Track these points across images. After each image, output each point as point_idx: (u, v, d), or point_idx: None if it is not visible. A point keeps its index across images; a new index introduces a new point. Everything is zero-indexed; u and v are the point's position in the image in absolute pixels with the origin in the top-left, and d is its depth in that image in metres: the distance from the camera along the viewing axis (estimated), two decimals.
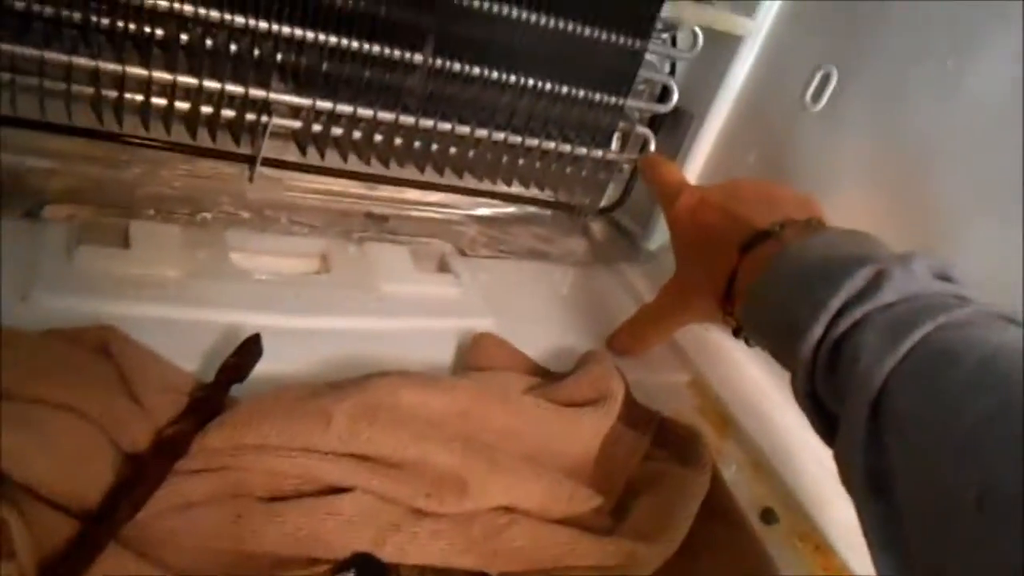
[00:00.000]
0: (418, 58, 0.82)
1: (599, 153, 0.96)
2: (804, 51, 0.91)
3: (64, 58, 0.72)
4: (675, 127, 1.04)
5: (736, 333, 0.71)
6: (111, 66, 0.73)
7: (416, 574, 0.55)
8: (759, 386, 0.90)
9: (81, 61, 0.73)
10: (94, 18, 0.72)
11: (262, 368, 0.67)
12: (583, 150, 0.95)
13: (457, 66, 0.84)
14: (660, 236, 1.10)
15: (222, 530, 0.53)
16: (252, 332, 0.68)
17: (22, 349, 0.57)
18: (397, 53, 0.81)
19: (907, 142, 0.80)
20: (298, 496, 0.55)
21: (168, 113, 0.78)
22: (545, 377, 0.77)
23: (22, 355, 0.56)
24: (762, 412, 0.86)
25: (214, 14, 0.75)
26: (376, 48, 0.80)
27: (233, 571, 0.52)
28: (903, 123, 0.80)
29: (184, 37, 0.75)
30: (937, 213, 0.78)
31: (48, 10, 0.70)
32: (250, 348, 0.64)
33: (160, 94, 0.77)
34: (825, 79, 0.88)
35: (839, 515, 0.74)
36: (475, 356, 0.76)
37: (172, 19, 0.74)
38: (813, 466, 0.79)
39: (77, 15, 0.71)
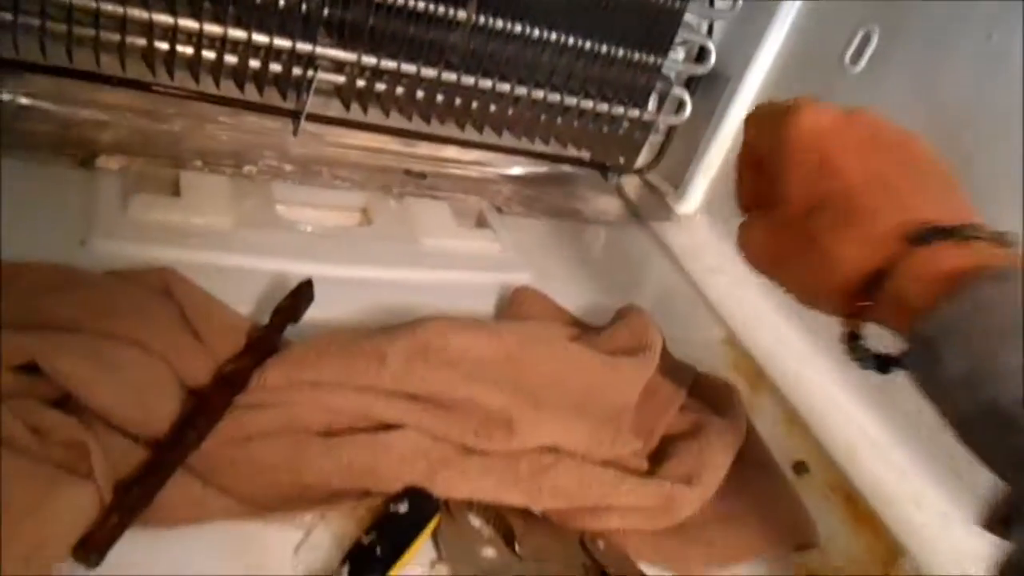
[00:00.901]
0: (461, 14, 0.83)
1: (635, 113, 0.97)
2: (844, 10, 0.91)
3: (119, 10, 0.73)
4: (712, 89, 1.04)
5: (852, 342, 0.49)
6: (164, 18, 0.75)
7: (464, 508, 0.58)
8: (790, 343, 0.91)
9: (135, 13, 0.74)
10: None
11: (310, 314, 0.69)
12: (620, 109, 0.96)
13: (500, 23, 0.85)
14: (693, 199, 1.11)
15: (280, 461, 0.55)
16: (297, 280, 0.70)
17: (90, 288, 0.60)
18: (441, 9, 0.82)
19: (945, 111, 0.80)
20: (352, 432, 0.57)
21: (218, 67, 0.80)
22: (581, 328, 0.79)
23: (91, 293, 0.59)
24: (793, 368, 0.88)
25: None
26: (421, 4, 0.81)
27: (290, 499, 0.55)
28: (942, 91, 0.80)
29: None
30: (971, 185, 0.78)
31: None
32: (303, 292, 0.66)
33: (210, 48, 0.79)
34: (865, 39, 0.88)
35: (868, 466, 0.75)
36: (515, 308, 0.78)
37: None
38: (842, 420, 0.81)
39: None
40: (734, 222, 1.00)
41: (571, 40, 0.89)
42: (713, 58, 0.99)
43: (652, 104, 1.00)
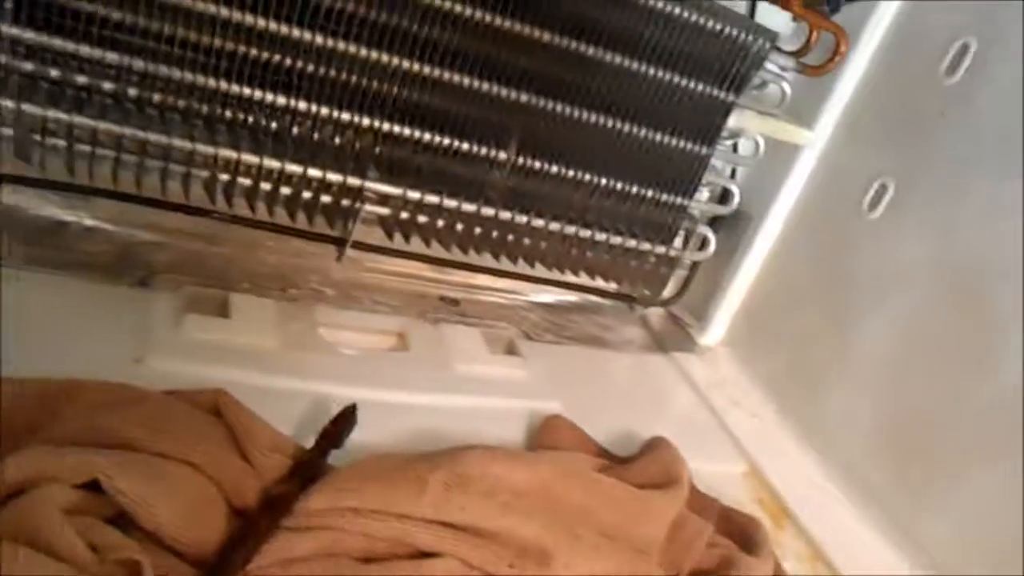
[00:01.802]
0: (503, 155, 0.89)
1: (662, 249, 1.02)
2: (862, 161, 0.97)
3: (189, 145, 0.79)
4: (735, 227, 1.09)
5: None
6: (228, 152, 0.81)
7: None
8: (814, 479, 0.93)
9: (201, 147, 0.80)
10: (218, 110, 0.80)
11: (350, 437, 0.71)
12: (647, 245, 1.01)
13: (537, 164, 0.91)
14: (716, 332, 1.14)
15: None
16: (338, 402, 0.73)
17: (146, 406, 0.62)
18: (484, 150, 0.88)
19: (962, 252, 0.84)
20: (391, 558, 0.59)
21: (273, 197, 0.85)
22: (610, 459, 0.81)
23: (147, 412, 0.61)
24: (818, 504, 0.89)
25: (324, 110, 0.82)
26: (465, 145, 0.87)
27: None
28: (958, 235, 0.85)
29: (295, 130, 0.83)
30: (991, 321, 0.81)
31: (181, 103, 0.78)
32: (347, 417, 0.69)
33: (267, 179, 0.85)
34: (882, 189, 0.93)
35: None
36: (547, 436, 0.80)
37: (287, 113, 0.82)
38: (869, 559, 0.81)
39: (205, 108, 0.79)
40: (755, 356, 1.04)
41: (604, 180, 0.94)
42: (736, 200, 1.05)
43: (678, 241, 1.05)
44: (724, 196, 1.07)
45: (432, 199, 0.89)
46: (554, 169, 0.92)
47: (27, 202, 0.87)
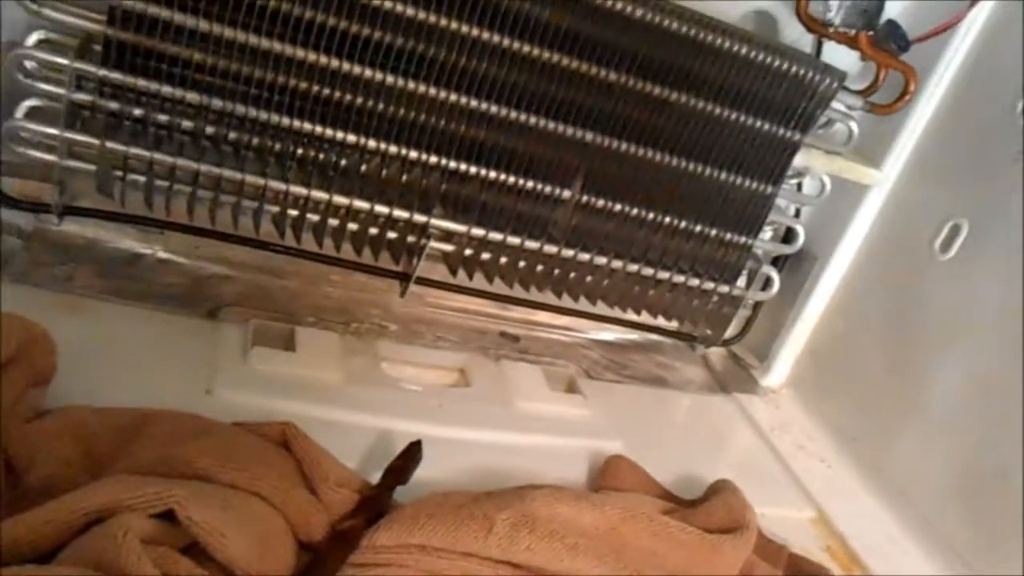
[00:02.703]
0: (567, 193, 0.89)
1: (725, 288, 1.01)
2: (932, 202, 0.95)
3: (261, 181, 0.81)
4: (798, 268, 1.08)
5: None
6: (299, 189, 0.83)
7: None
8: (885, 528, 0.90)
9: (273, 184, 0.82)
10: (290, 147, 0.82)
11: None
12: (710, 284, 1.00)
13: (601, 202, 0.91)
14: (779, 373, 1.12)
15: None
16: (402, 437, 0.73)
17: (218, 438, 0.63)
18: (548, 188, 0.89)
19: None
20: None
21: (340, 232, 0.87)
22: (674, 501, 0.79)
23: (219, 444, 0.62)
24: (889, 554, 0.86)
25: (391, 148, 0.84)
26: (530, 183, 0.88)
27: None
28: None
29: (363, 167, 0.84)
30: None
31: (255, 140, 0.80)
32: (413, 453, 0.69)
33: (334, 215, 0.86)
34: (955, 230, 0.91)
35: None
36: (610, 477, 0.79)
37: (356, 150, 0.83)
38: None
39: (278, 145, 0.81)
40: (820, 399, 1.02)
41: (667, 219, 0.94)
42: (801, 239, 1.03)
43: (741, 280, 1.03)
44: (788, 235, 1.05)
45: (496, 236, 0.90)
46: (618, 207, 0.92)
47: (105, 235, 0.90)
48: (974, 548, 0.84)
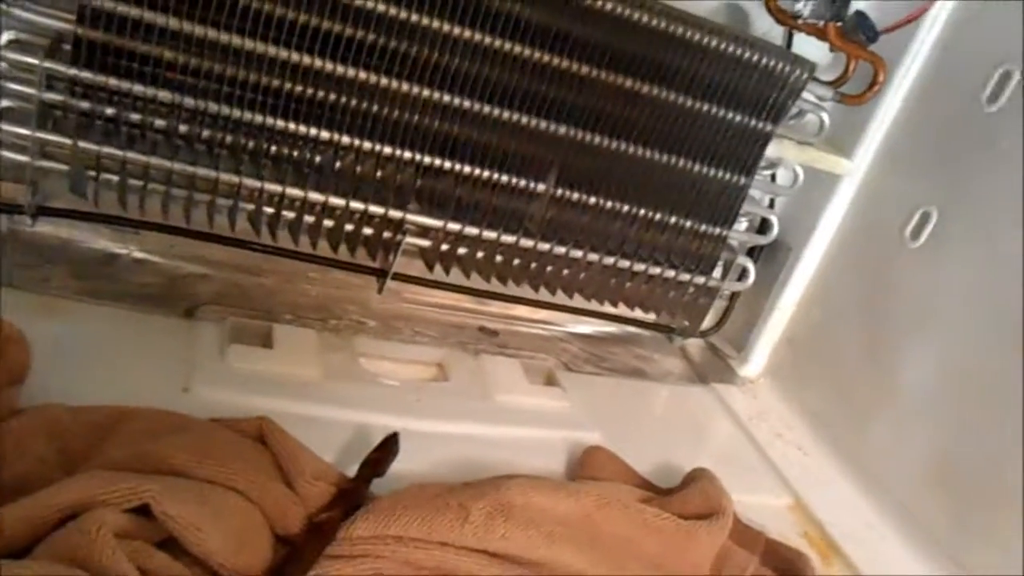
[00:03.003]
0: (541, 187, 0.90)
1: (701, 279, 1.01)
2: (902, 190, 0.96)
3: (235, 179, 0.81)
4: (773, 258, 1.09)
5: None
6: (273, 187, 0.83)
7: None
8: (862, 514, 0.91)
9: (248, 182, 0.82)
10: (264, 145, 0.82)
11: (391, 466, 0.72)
12: (686, 276, 1.00)
13: (576, 195, 0.91)
14: (756, 363, 1.13)
15: None
16: (379, 432, 0.73)
17: (194, 434, 0.63)
18: (523, 182, 0.89)
19: (1008, 281, 0.83)
20: None
21: (316, 229, 0.87)
22: (652, 490, 0.80)
23: (195, 439, 0.62)
24: (867, 539, 0.87)
25: (366, 144, 0.84)
26: (504, 177, 0.88)
27: None
28: (1004, 263, 0.83)
29: (338, 164, 0.85)
30: None
31: (228, 139, 0.80)
32: (390, 446, 0.69)
33: (310, 212, 0.86)
34: (924, 218, 0.92)
35: None
36: (588, 467, 0.80)
37: (330, 146, 0.83)
38: None
39: (252, 143, 0.81)
40: (797, 387, 1.03)
41: (642, 211, 0.94)
42: (776, 230, 1.04)
43: (717, 271, 1.04)
44: (763, 226, 1.06)
45: (472, 231, 0.90)
46: (592, 200, 0.92)
47: (80, 235, 0.89)
48: (951, 533, 0.85)
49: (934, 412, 0.90)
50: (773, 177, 1.05)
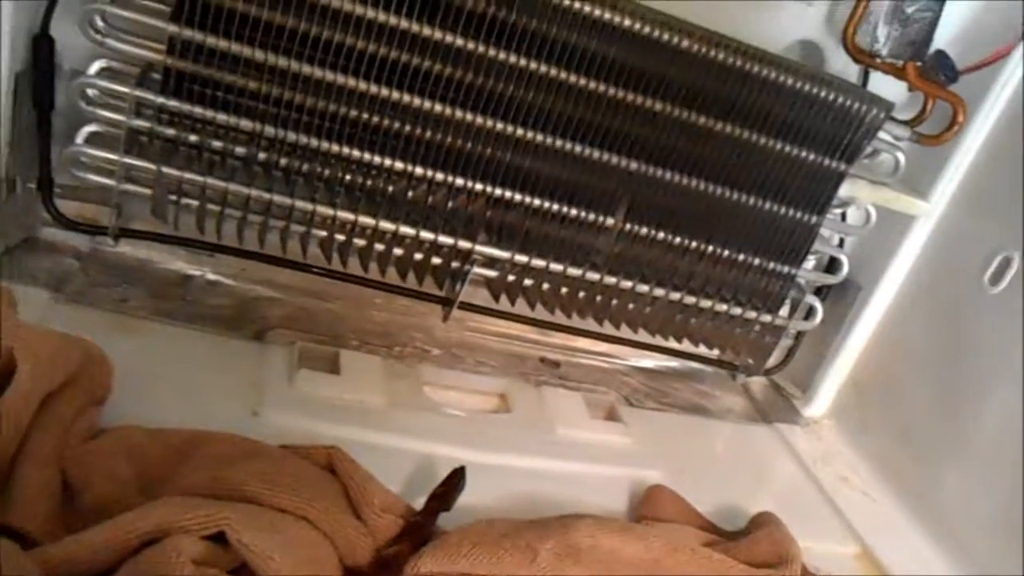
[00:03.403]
0: (610, 221, 0.90)
1: (768, 317, 1.00)
2: (982, 234, 0.93)
3: (309, 206, 0.83)
4: (843, 297, 1.07)
5: None
6: (346, 215, 0.84)
7: None
8: (932, 565, 0.88)
9: (321, 209, 0.83)
10: (339, 174, 0.83)
11: None
12: (752, 313, 0.99)
13: (644, 230, 0.91)
14: (821, 403, 1.11)
15: None
16: (444, 462, 0.73)
17: (267, 461, 0.64)
18: (592, 216, 0.89)
19: None
20: None
21: (386, 257, 0.88)
22: (716, 533, 0.79)
23: (267, 467, 0.63)
24: None
25: (438, 175, 0.85)
26: (574, 211, 0.88)
27: None
28: None
29: (410, 194, 0.86)
30: None
31: (305, 167, 0.82)
32: (456, 480, 0.69)
33: (380, 240, 0.87)
34: (1005, 263, 0.90)
35: None
36: (651, 506, 0.79)
37: (403, 177, 0.84)
38: None
39: (327, 171, 0.83)
40: (863, 430, 1.00)
41: (710, 248, 0.94)
42: (845, 269, 1.02)
43: (784, 309, 1.03)
44: (832, 265, 1.04)
45: (539, 263, 0.90)
46: (661, 235, 0.92)
47: (157, 256, 0.92)
48: None
49: (1010, 463, 0.87)
50: (844, 216, 1.03)
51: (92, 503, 0.57)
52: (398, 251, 0.88)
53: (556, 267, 0.91)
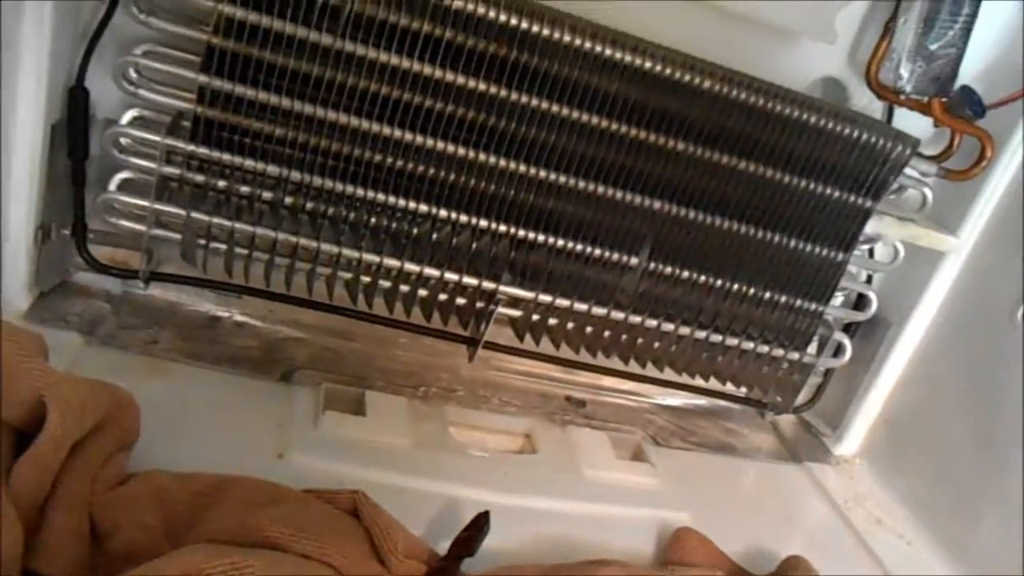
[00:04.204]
0: (634, 260, 0.90)
1: (795, 355, 0.99)
2: (1012, 269, 0.92)
3: (335, 249, 0.84)
4: (871, 334, 1.05)
5: None
6: (371, 257, 0.85)
7: None
8: None
9: (347, 251, 0.84)
10: (364, 217, 0.84)
11: None
12: (780, 352, 0.98)
13: (669, 269, 0.91)
14: (852, 442, 1.09)
15: None
16: (469, 505, 0.73)
17: (291, 505, 0.64)
18: (616, 256, 0.89)
19: None
20: None
21: (411, 298, 0.89)
22: None
23: (291, 512, 0.63)
24: None
25: (462, 217, 0.85)
26: (598, 251, 0.89)
27: None
28: None
29: (435, 235, 0.86)
30: None
31: (330, 210, 0.83)
32: (480, 524, 0.69)
33: (405, 281, 0.88)
34: None
35: None
36: (679, 550, 0.77)
37: (427, 219, 0.85)
38: None
39: (352, 214, 0.84)
40: (895, 470, 0.98)
41: (736, 286, 0.93)
42: (874, 306, 1.01)
43: (812, 347, 1.01)
44: (860, 301, 1.03)
45: (563, 303, 0.90)
46: (686, 274, 0.91)
47: (186, 299, 0.93)
48: None
49: None
50: (871, 252, 1.03)
51: (120, 549, 0.57)
52: (423, 292, 0.89)
53: (580, 306, 0.91)
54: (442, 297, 0.90)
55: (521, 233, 0.87)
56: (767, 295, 0.94)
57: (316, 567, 0.59)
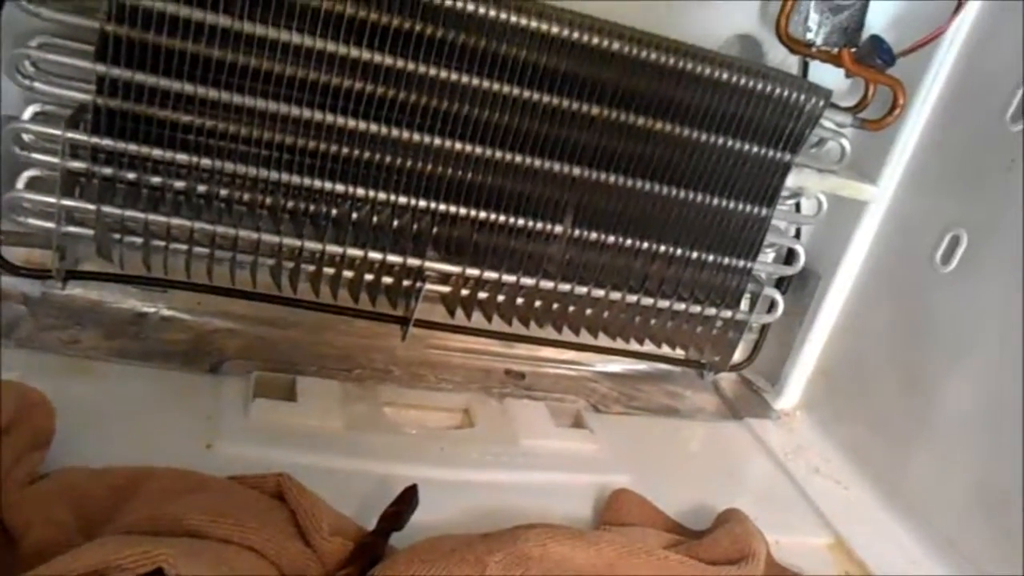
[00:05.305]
0: (558, 228, 0.90)
1: (728, 313, 1.00)
2: (931, 214, 0.94)
3: (254, 235, 0.83)
4: (802, 288, 1.07)
5: None
6: (292, 241, 0.84)
7: None
8: (907, 550, 0.87)
9: (267, 237, 0.83)
10: (281, 201, 0.83)
11: (413, 517, 0.71)
12: (713, 311, 0.99)
13: (594, 235, 0.91)
14: (791, 395, 1.10)
15: None
16: (403, 482, 0.73)
17: (212, 493, 0.64)
18: (540, 225, 0.89)
19: None
20: None
21: (336, 281, 0.88)
22: (683, 534, 0.78)
23: (212, 499, 0.63)
24: None
25: (381, 195, 0.85)
26: (520, 221, 0.88)
27: None
28: None
29: (355, 215, 0.85)
30: None
31: (246, 196, 0.82)
32: (408, 499, 0.69)
33: (329, 264, 0.87)
34: (955, 241, 0.90)
35: None
36: (613, 511, 0.78)
37: (346, 199, 0.84)
38: None
39: (269, 199, 0.83)
40: (834, 419, 1.00)
41: (663, 247, 0.94)
42: (802, 260, 1.02)
43: (745, 304, 1.02)
44: (789, 256, 1.04)
45: (491, 275, 0.90)
46: (611, 239, 0.92)
47: (110, 296, 0.92)
48: (999, 566, 0.81)
49: (976, 441, 0.87)
50: (798, 207, 1.04)
51: (31, 549, 0.56)
52: (348, 274, 0.88)
53: (509, 278, 0.91)
54: (368, 277, 0.89)
55: (443, 208, 0.87)
56: (694, 255, 0.95)
57: (237, 551, 0.58)
